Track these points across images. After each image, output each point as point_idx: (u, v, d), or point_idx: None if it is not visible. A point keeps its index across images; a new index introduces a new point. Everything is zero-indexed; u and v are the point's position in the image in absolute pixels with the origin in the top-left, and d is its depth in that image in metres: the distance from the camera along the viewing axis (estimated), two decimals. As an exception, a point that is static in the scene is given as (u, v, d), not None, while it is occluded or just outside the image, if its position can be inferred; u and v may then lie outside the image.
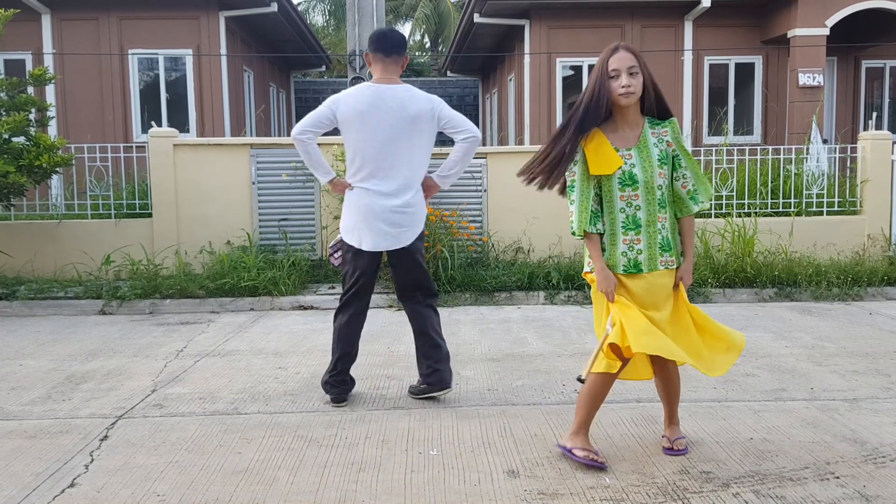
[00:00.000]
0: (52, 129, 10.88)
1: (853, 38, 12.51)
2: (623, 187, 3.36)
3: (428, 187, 4.43)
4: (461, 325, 6.57)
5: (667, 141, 3.40)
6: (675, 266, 3.47)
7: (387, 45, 4.25)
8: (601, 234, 3.42)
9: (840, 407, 4.23)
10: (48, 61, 11.71)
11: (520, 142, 13.31)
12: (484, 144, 17.95)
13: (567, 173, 3.43)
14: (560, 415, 4.12)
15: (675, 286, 3.50)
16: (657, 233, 3.39)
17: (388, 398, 4.48)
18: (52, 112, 8.35)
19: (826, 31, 11.49)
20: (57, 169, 7.81)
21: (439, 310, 7.19)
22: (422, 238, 4.42)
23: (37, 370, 5.22)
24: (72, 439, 3.86)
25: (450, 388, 4.37)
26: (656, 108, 3.43)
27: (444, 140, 4.54)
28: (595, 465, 3.36)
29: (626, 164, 3.34)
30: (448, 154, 4.39)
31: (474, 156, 8.67)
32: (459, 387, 4.70)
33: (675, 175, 3.42)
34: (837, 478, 3.27)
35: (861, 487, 3.17)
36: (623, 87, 3.29)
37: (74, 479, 3.36)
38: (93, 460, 3.57)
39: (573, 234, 3.42)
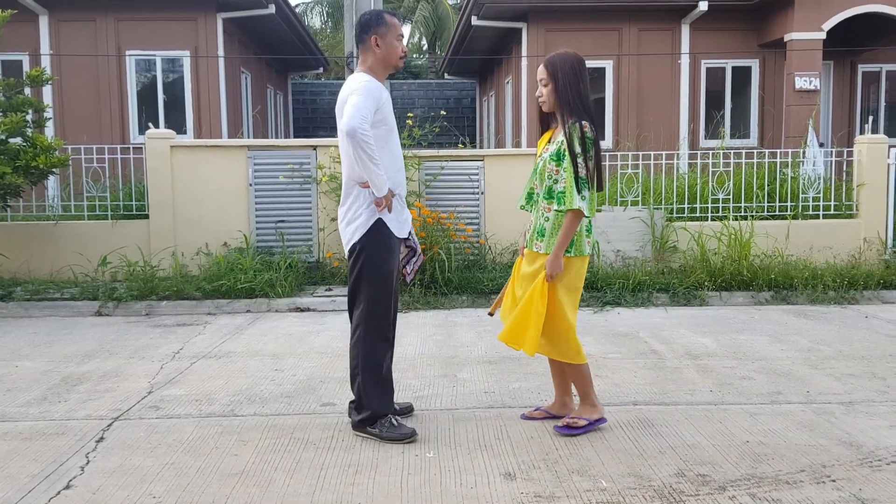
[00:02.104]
0: (49, 130, 10.88)
1: (849, 42, 12.55)
2: (533, 176, 3.94)
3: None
4: (458, 327, 6.57)
5: (561, 140, 3.72)
6: (543, 251, 3.80)
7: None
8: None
9: (836, 410, 4.24)
10: (45, 62, 11.71)
11: (517, 144, 13.33)
12: (481, 147, 17.97)
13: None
14: (557, 418, 4.11)
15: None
16: (538, 219, 3.85)
17: (384, 400, 4.48)
18: (48, 113, 8.34)
19: (822, 35, 11.53)
20: (53, 170, 7.80)
21: (437, 311, 7.24)
22: (354, 252, 3.86)
23: (33, 371, 5.21)
24: (67, 441, 3.85)
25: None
26: (570, 112, 3.72)
27: (439, 142, 4.47)
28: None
29: (540, 158, 3.86)
30: (441, 156, 4.27)
31: (471, 158, 8.71)
32: (456, 389, 4.70)
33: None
34: (833, 481, 3.28)
35: (857, 491, 3.18)
36: (537, 95, 3.87)
37: (70, 480, 3.35)
38: (88, 462, 3.57)
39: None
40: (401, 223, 3.93)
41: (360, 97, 3.64)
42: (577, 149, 3.64)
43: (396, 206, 3.88)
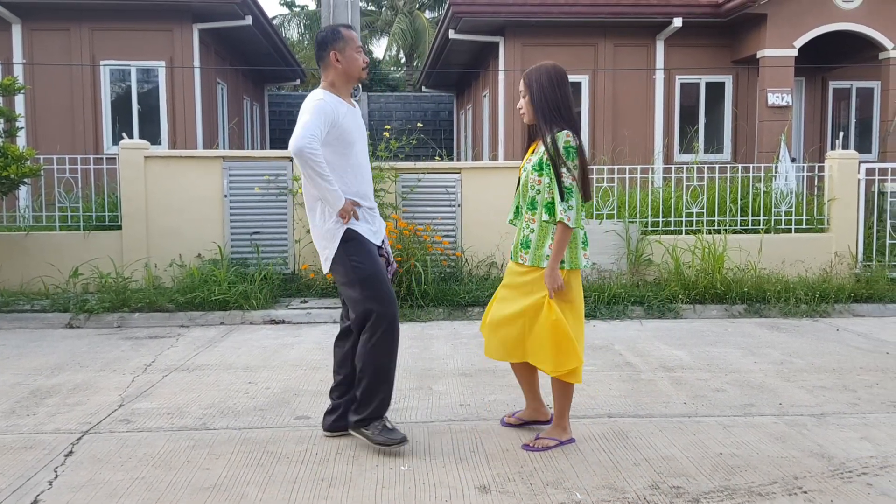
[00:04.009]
0: (21, 140, 10.75)
1: (821, 59, 12.76)
2: (518, 191, 3.93)
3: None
4: (434, 339, 6.56)
5: (543, 150, 3.73)
6: (528, 263, 3.79)
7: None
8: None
9: (808, 422, 4.28)
10: (18, 71, 11.57)
11: (494, 157, 13.37)
12: (458, 160, 18.02)
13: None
14: (532, 430, 4.11)
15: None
16: (521, 230, 3.85)
17: (359, 413, 4.45)
18: (21, 122, 8.25)
19: (794, 52, 11.71)
20: (25, 180, 7.71)
21: (413, 324, 7.22)
22: (333, 265, 3.86)
23: (1, 384, 5.12)
24: (35, 455, 3.78)
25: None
26: (547, 122, 3.74)
27: (416, 154, 4.46)
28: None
29: (523, 170, 3.88)
30: (418, 168, 4.25)
31: (448, 170, 8.72)
32: (431, 402, 4.68)
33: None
34: (805, 493, 3.30)
35: (828, 502, 3.20)
36: (518, 107, 3.89)
37: (38, 495, 3.29)
38: (57, 476, 3.50)
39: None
40: (373, 232, 3.92)
41: (310, 116, 3.66)
42: (560, 158, 3.64)
43: (365, 216, 3.88)
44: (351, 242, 3.79)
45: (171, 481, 3.44)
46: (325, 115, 3.69)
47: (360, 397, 3.82)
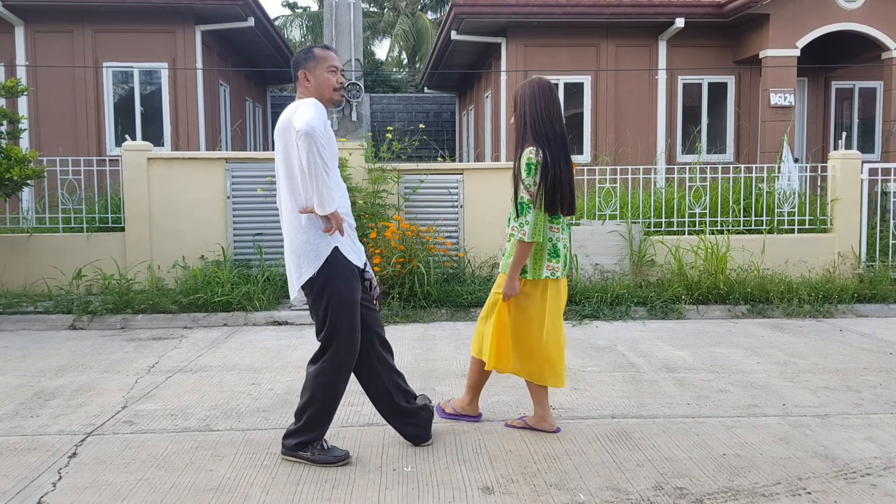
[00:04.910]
0: (24, 142, 10.78)
1: (823, 59, 12.76)
2: None
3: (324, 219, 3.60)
4: (437, 340, 6.56)
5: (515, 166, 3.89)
6: (500, 270, 4.03)
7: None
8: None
9: (811, 423, 4.27)
10: (21, 73, 11.60)
11: (496, 158, 13.37)
12: (460, 160, 18.01)
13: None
14: (535, 431, 4.11)
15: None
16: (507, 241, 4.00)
17: (362, 414, 4.45)
18: (24, 124, 8.25)
19: (797, 53, 11.70)
20: (28, 182, 7.72)
21: (416, 325, 7.22)
22: (314, 288, 3.62)
23: (5, 386, 5.13)
24: (39, 456, 3.79)
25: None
26: (520, 140, 3.93)
27: (419, 155, 4.45)
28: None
29: None
30: (420, 169, 4.20)
31: (451, 171, 8.72)
32: (435, 403, 4.67)
33: None
34: (809, 493, 3.30)
35: (832, 503, 3.20)
36: (511, 123, 4.01)
37: (42, 497, 3.30)
38: (61, 478, 3.51)
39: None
40: (356, 251, 3.73)
41: (314, 108, 3.49)
42: (523, 174, 3.80)
43: (349, 232, 3.70)
44: (335, 266, 3.58)
45: (174, 483, 3.45)
46: (323, 114, 3.55)
47: (306, 421, 3.66)
